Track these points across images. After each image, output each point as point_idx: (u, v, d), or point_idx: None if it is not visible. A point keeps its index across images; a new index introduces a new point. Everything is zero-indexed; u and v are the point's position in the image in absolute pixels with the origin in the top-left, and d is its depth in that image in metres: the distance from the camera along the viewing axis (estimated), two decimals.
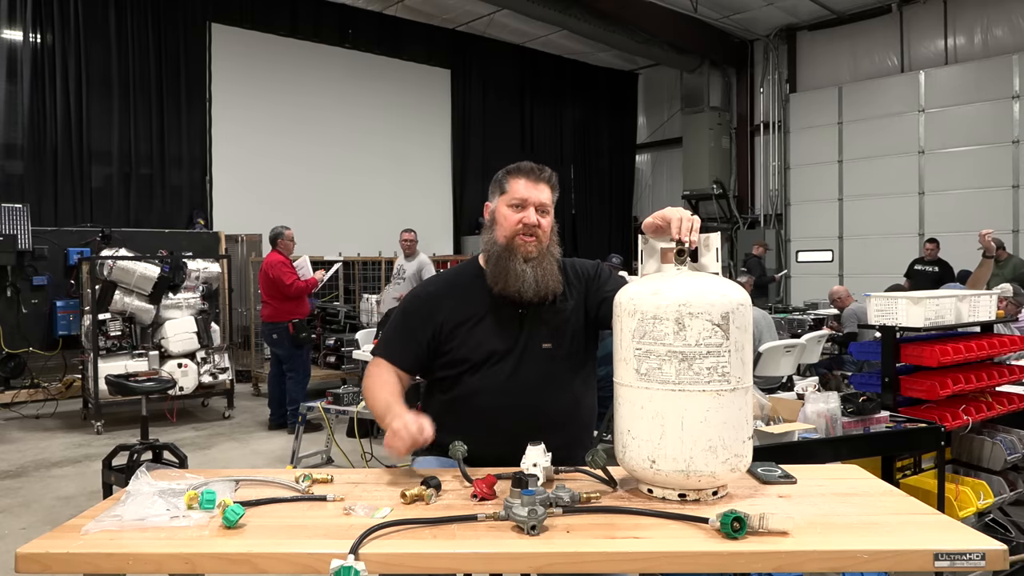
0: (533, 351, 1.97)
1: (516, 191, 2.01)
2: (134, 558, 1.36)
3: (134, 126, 9.62)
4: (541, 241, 1.99)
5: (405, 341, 2.04)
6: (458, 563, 1.37)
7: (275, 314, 6.46)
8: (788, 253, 13.51)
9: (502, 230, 2.00)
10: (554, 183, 2.06)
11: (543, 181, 2.03)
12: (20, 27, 8.83)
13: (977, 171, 11.21)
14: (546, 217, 2.02)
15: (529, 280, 1.93)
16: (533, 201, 1.99)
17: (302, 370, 6.56)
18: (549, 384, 1.96)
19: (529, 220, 1.97)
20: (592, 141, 15.03)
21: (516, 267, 1.94)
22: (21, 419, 6.98)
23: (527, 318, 1.99)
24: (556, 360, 1.97)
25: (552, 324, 1.98)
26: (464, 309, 2.01)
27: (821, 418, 2.77)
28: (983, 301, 3.47)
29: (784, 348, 5.97)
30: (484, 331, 1.98)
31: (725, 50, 13.59)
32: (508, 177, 2.04)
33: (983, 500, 3.31)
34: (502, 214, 2.02)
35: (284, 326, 6.40)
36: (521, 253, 1.96)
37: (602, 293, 2.01)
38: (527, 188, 2.00)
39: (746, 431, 1.60)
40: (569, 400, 2.00)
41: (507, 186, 2.03)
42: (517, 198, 2.00)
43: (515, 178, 2.02)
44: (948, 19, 11.66)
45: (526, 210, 1.98)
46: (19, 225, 7.31)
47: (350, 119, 11.52)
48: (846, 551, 1.34)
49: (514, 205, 2.00)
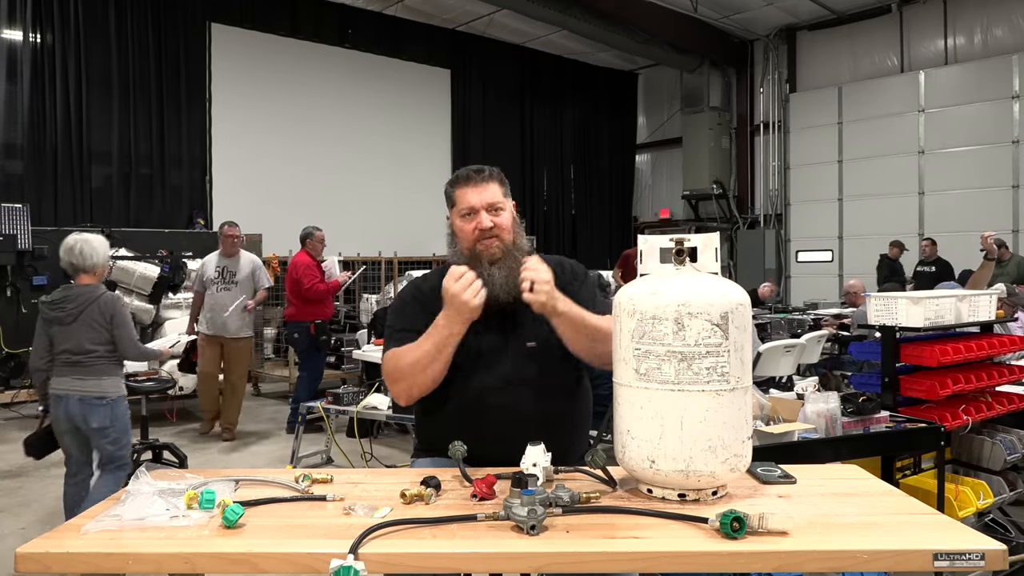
0: (518, 350, 1.96)
1: (463, 201, 2.00)
2: (134, 558, 1.36)
3: (134, 126, 9.62)
4: (503, 240, 1.98)
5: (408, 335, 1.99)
6: (458, 563, 1.37)
7: (298, 314, 6.51)
8: (788, 253, 13.51)
9: (463, 242, 2.00)
10: (500, 178, 2.05)
11: (486, 181, 2.01)
12: (20, 27, 8.83)
13: (977, 171, 11.21)
14: (501, 214, 2.00)
15: (498, 282, 1.92)
16: (481, 205, 1.97)
17: (315, 372, 6.61)
18: (538, 382, 1.95)
19: (483, 225, 1.96)
20: (592, 141, 15.04)
21: (482, 273, 1.92)
22: (21, 419, 6.98)
23: (509, 319, 1.98)
24: (542, 358, 1.97)
25: (536, 322, 1.97)
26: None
27: (821, 418, 2.77)
28: (983, 301, 3.47)
29: (784, 348, 5.98)
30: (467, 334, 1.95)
31: (725, 50, 13.59)
32: (453, 189, 2.03)
33: (983, 500, 3.32)
34: (458, 227, 2.01)
35: (306, 326, 6.45)
36: (486, 257, 1.95)
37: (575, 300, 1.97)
38: (472, 194, 1.99)
39: (745, 431, 1.60)
40: (561, 397, 2.00)
41: (454, 198, 2.03)
42: (465, 207, 1.99)
43: (459, 188, 2.01)
44: (948, 19, 11.67)
45: (477, 216, 1.97)
46: (19, 225, 7.31)
47: (350, 119, 11.52)
48: (846, 551, 1.34)
49: (465, 215, 1.99)
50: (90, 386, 3.62)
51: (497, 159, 12.64)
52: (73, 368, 3.62)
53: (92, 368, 3.63)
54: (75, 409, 3.61)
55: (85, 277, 3.72)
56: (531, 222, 13.74)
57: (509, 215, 2.02)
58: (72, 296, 3.66)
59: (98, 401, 3.63)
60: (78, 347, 3.61)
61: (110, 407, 3.66)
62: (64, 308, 3.63)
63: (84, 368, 3.62)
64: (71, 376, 3.62)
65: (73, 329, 3.62)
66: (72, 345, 3.61)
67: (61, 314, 3.63)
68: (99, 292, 3.70)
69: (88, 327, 3.63)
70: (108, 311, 3.65)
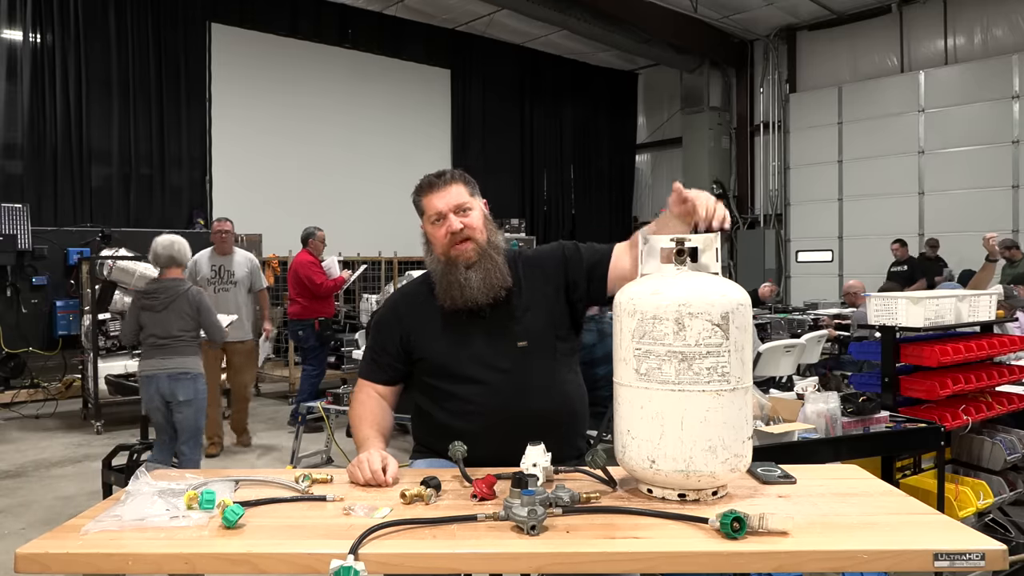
0: (510, 350, 1.96)
1: (430, 207, 2.01)
2: (134, 558, 1.36)
3: (134, 126, 9.62)
4: (477, 241, 1.98)
5: (379, 357, 2.08)
6: (458, 563, 1.37)
7: (303, 312, 6.56)
8: (788, 253, 13.52)
9: (437, 247, 2.01)
10: (463, 178, 2.05)
11: (450, 183, 2.02)
12: (20, 27, 8.83)
13: (977, 171, 11.22)
14: (470, 214, 2.00)
15: (475, 286, 1.93)
16: (448, 208, 1.98)
17: (319, 367, 6.66)
18: (531, 381, 1.95)
19: (452, 228, 1.96)
20: (592, 141, 15.04)
21: (459, 278, 1.93)
22: (21, 419, 6.98)
23: (497, 320, 1.98)
24: (534, 356, 1.97)
25: (523, 322, 1.97)
26: (430, 320, 2.02)
27: (821, 418, 2.76)
28: (983, 301, 3.47)
29: (784, 348, 5.98)
30: (454, 340, 1.98)
31: (725, 50, 13.59)
32: (420, 198, 2.05)
33: (983, 500, 3.32)
34: (430, 233, 2.03)
35: (311, 323, 6.52)
36: (461, 261, 1.96)
37: (584, 267, 2.01)
38: (438, 199, 2.00)
39: (746, 431, 1.60)
40: (555, 394, 1.99)
41: (422, 206, 2.04)
42: (433, 213, 2.00)
43: (425, 196, 2.03)
44: (948, 19, 11.67)
45: (447, 220, 1.98)
46: (19, 225, 7.31)
47: (350, 119, 11.52)
48: (846, 551, 1.34)
49: (435, 221, 2.00)
50: (176, 364, 4.14)
51: (497, 159, 12.69)
52: (159, 350, 4.15)
53: (176, 349, 4.16)
54: (165, 385, 4.12)
55: (175, 271, 4.29)
56: (531, 222, 13.74)
57: (479, 213, 2.03)
58: (163, 288, 4.21)
59: (184, 376, 4.15)
60: (165, 332, 4.15)
61: (193, 381, 4.19)
62: (157, 298, 4.18)
63: (169, 350, 4.15)
64: (157, 357, 4.15)
65: (162, 316, 4.16)
66: (159, 330, 4.15)
67: (154, 303, 4.18)
68: (186, 286, 4.27)
69: (177, 315, 4.17)
70: (195, 303, 4.22)
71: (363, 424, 1.98)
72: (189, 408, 4.15)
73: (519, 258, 2.08)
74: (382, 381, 2.07)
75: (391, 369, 2.07)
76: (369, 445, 1.88)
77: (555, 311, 2.02)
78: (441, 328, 2.01)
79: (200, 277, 5.90)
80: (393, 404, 2.09)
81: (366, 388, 2.07)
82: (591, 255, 2.03)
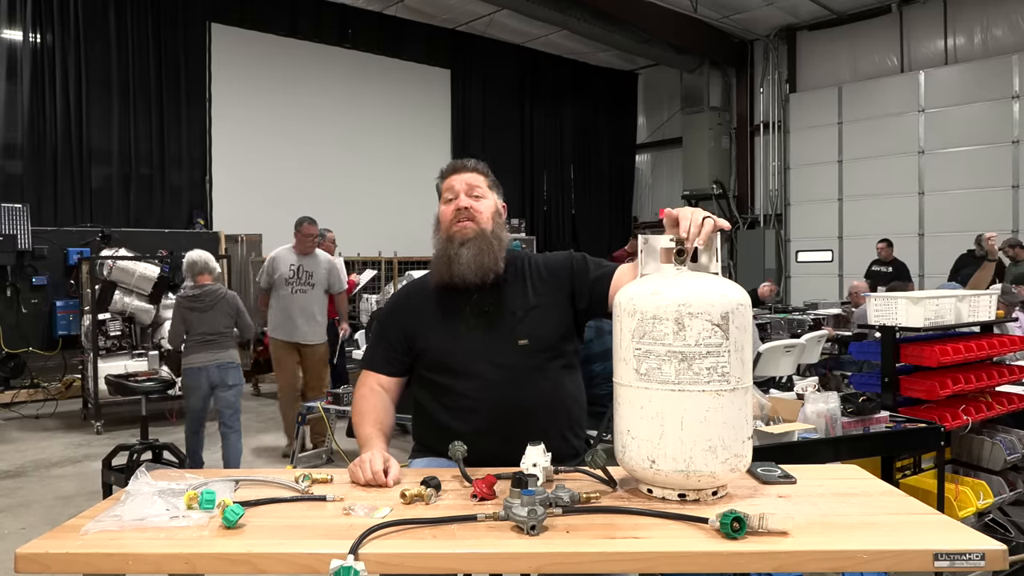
0: (511, 348, 1.96)
1: (447, 186, 2.08)
2: (134, 558, 1.36)
3: (134, 126, 9.62)
4: (479, 223, 2.00)
5: (383, 348, 2.10)
6: (458, 563, 1.37)
7: None
8: (788, 253, 13.51)
9: (443, 227, 2.05)
10: (484, 170, 2.10)
11: (469, 169, 2.08)
12: (20, 27, 8.83)
13: (977, 171, 11.21)
14: (481, 200, 2.04)
15: (464, 261, 1.95)
16: (461, 187, 2.03)
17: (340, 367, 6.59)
18: (532, 379, 1.95)
19: (460, 204, 2.01)
20: (592, 141, 15.03)
21: (450, 252, 1.97)
22: (21, 419, 6.98)
23: (496, 318, 1.98)
24: (535, 354, 1.97)
25: (526, 322, 1.98)
26: (432, 314, 2.04)
27: (821, 418, 2.76)
28: (983, 301, 3.47)
29: (784, 348, 5.98)
30: (454, 334, 1.98)
31: (725, 50, 13.59)
32: (442, 181, 2.11)
33: (983, 500, 3.32)
34: (441, 212, 2.08)
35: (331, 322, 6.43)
36: (458, 238, 1.99)
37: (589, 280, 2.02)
38: (455, 179, 2.06)
39: (746, 431, 1.60)
40: (554, 393, 1.99)
41: (441, 188, 2.10)
42: (448, 191, 2.06)
43: (445, 178, 2.10)
44: (948, 19, 11.66)
45: (457, 198, 2.03)
46: (19, 225, 7.31)
47: (350, 119, 11.52)
48: (846, 551, 1.34)
49: (448, 200, 2.06)
50: (224, 356, 4.82)
51: (497, 159, 12.69)
52: (206, 345, 4.78)
53: (221, 343, 4.82)
54: (215, 374, 4.77)
55: (208, 278, 4.93)
56: (531, 222, 13.74)
57: (491, 204, 2.07)
58: (207, 292, 4.87)
59: (231, 365, 4.84)
60: (212, 329, 4.80)
61: (237, 369, 4.91)
62: (203, 300, 4.84)
63: (216, 344, 4.79)
64: (205, 352, 4.77)
65: (208, 316, 4.81)
66: (207, 328, 4.79)
67: (201, 305, 4.82)
68: (224, 290, 4.96)
69: (221, 314, 4.85)
70: (234, 304, 4.93)
71: (366, 422, 1.97)
72: (234, 390, 4.87)
73: (527, 259, 2.10)
74: (387, 372, 2.08)
75: (395, 361, 2.07)
76: (371, 445, 1.88)
77: (559, 314, 2.03)
78: (442, 322, 2.02)
79: (278, 276, 5.61)
80: (395, 399, 2.09)
81: (370, 381, 2.08)
82: (597, 269, 2.04)
